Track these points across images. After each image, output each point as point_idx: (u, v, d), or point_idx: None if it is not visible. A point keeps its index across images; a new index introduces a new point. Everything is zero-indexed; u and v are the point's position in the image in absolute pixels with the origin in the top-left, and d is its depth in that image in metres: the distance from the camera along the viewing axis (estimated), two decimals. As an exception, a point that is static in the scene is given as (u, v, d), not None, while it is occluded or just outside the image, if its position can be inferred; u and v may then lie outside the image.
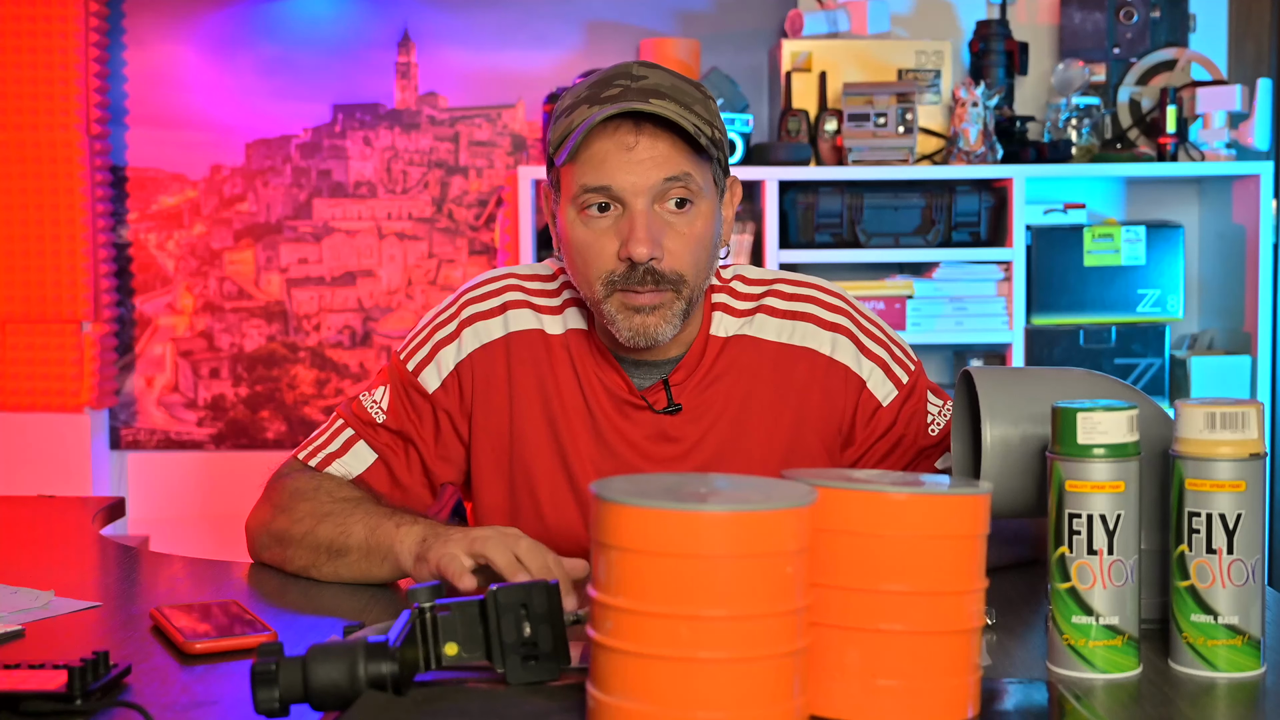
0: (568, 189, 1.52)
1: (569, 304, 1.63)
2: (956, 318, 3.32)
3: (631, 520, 0.93)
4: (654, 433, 1.59)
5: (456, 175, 3.68)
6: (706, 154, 1.51)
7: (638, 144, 1.47)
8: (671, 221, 1.50)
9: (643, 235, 1.47)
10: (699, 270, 1.52)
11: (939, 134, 3.39)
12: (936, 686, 1.02)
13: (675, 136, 1.48)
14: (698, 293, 1.53)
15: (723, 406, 1.59)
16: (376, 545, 1.45)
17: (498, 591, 1.08)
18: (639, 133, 1.48)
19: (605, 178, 1.48)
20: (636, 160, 1.47)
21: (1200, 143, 3.34)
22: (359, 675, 1.02)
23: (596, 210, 1.50)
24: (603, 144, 1.48)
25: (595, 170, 1.48)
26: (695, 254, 1.51)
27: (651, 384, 1.59)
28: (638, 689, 0.93)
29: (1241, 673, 1.14)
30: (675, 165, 1.48)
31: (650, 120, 1.48)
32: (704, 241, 1.52)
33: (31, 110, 3.49)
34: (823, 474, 1.10)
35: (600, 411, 1.59)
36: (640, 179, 1.47)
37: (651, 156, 1.48)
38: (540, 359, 1.60)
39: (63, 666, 1.08)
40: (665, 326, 1.51)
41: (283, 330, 3.70)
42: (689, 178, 1.49)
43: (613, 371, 1.59)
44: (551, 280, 1.65)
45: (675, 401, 1.59)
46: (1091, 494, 1.12)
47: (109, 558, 1.66)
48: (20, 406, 3.53)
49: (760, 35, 3.63)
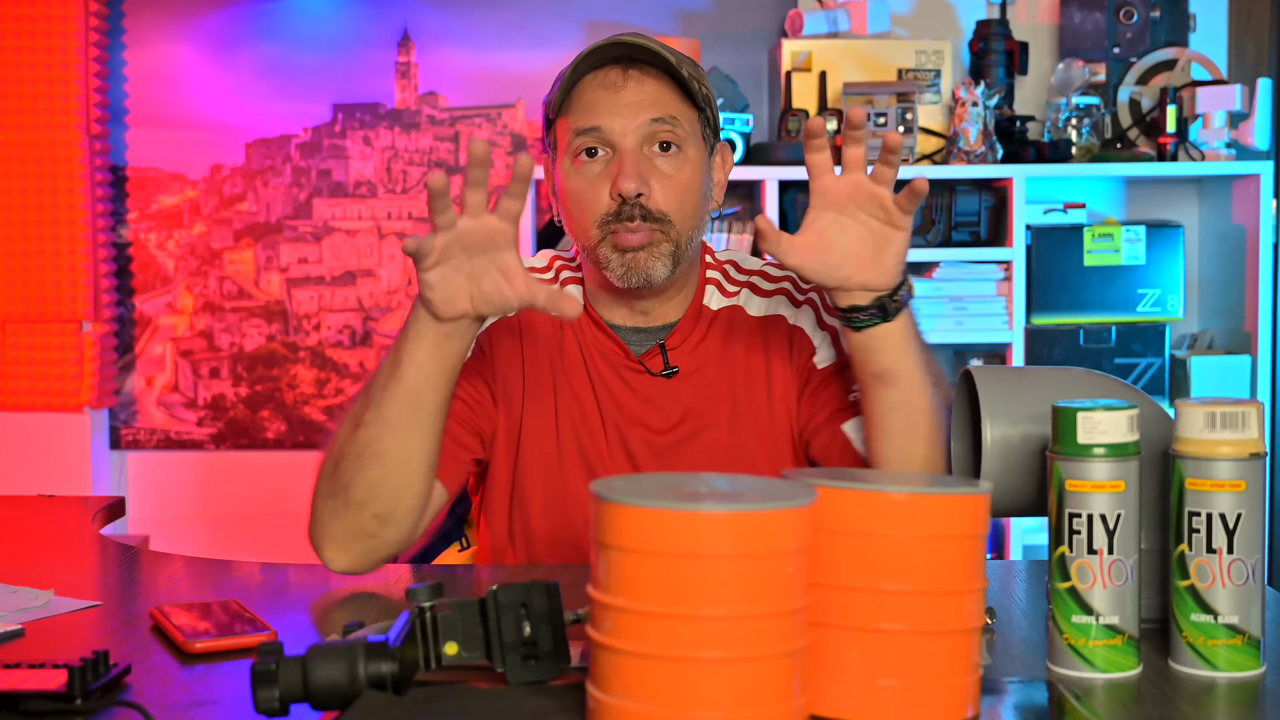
0: (563, 141, 1.58)
1: (564, 284, 1.68)
2: (956, 317, 3.32)
3: (631, 520, 0.93)
4: (651, 395, 1.63)
5: (456, 175, 3.68)
6: (695, 103, 1.58)
7: (625, 86, 1.55)
8: (659, 165, 1.56)
9: (630, 171, 1.53)
10: (685, 214, 1.57)
11: (939, 134, 3.39)
12: (936, 686, 1.02)
13: (663, 81, 1.56)
14: (685, 238, 1.57)
15: (715, 369, 1.64)
16: (390, 359, 1.40)
17: (498, 591, 1.08)
18: (626, 76, 1.56)
19: (595, 119, 1.54)
20: (625, 102, 1.54)
21: (1200, 142, 3.34)
22: (359, 675, 1.02)
23: (587, 156, 1.56)
24: (592, 89, 1.56)
25: (586, 113, 1.55)
26: (682, 196, 1.56)
27: (647, 350, 1.63)
28: (638, 689, 0.93)
29: (1241, 672, 1.14)
30: (662, 107, 1.55)
31: (638, 66, 1.55)
32: (691, 186, 1.57)
33: (31, 110, 3.49)
34: (823, 474, 1.10)
35: (598, 376, 1.63)
36: (628, 120, 1.54)
37: (639, 99, 1.55)
38: (549, 332, 1.65)
39: (63, 666, 1.08)
40: (656, 264, 1.55)
41: (283, 330, 3.70)
42: (676, 121, 1.56)
43: (608, 340, 1.64)
44: (547, 270, 1.71)
45: (671, 365, 1.63)
46: (1091, 494, 1.12)
47: (109, 557, 1.66)
48: (20, 406, 3.53)
49: (760, 35, 3.63)
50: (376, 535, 1.43)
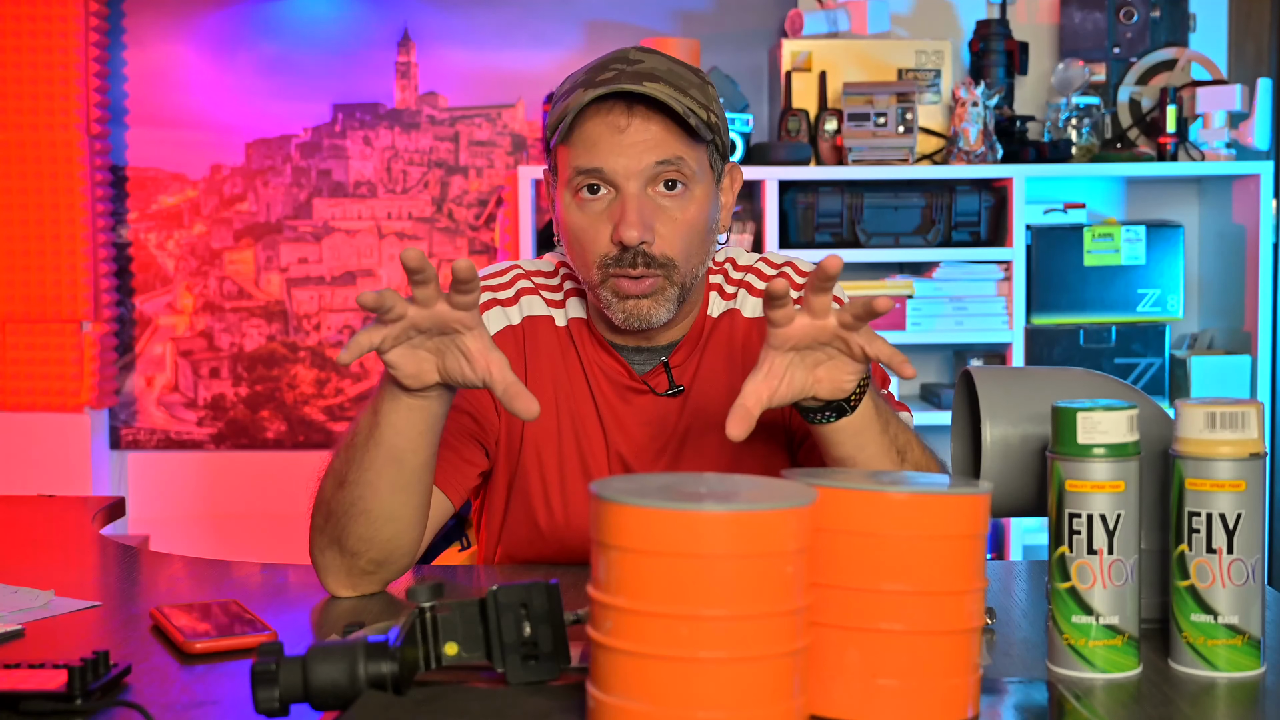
0: (563, 172, 1.53)
1: (570, 294, 1.64)
2: (956, 317, 3.32)
3: (631, 520, 0.93)
4: (655, 415, 1.60)
5: (456, 175, 3.68)
6: (701, 138, 1.51)
7: (629, 126, 1.48)
8: (664, 205, 1.50)
9: (633, 219, 1.48)
10: (690, 256, 1.53)
11: (939, 134, 3.39)
12: (936, 686, 1.02)
13: (668, 120, 1.49)
14: (691, 279, 1.54)
15: (717, 381, 1.61)
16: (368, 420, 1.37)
17: (498, 591, 1.08)
18: (631, 115, 1.48)
19: (597, 160, 1.49)
20: (628, 143, 1.48)
21: (1200, 142, 3.34)
22: (359, 675, 1.02)
23: (589, 193, 1.50)
24: (595, 126, 1.49)
25: (588, 152, 1.49)
26: (687, 239, 1.51)
27: (650, 368, 1.61)
28: (638, 689, 0.93)
29: (1241, 672, 1.14)
30: (667, 149, 1.49)
31: (643, 103, 1.48)
32: (696, 226, 1.52)
33: (31, 110, 3.49)
34: (823, 474, 1.10)
35: (602, 398, 1.60)
36: (632, 162, 1.48)
37: (643, 139, 1.48)
38: (552, 345, 1.62)
39: (63, 666, 1.08)
40: (659, 310, 1.52)
41: (283, 330, 3.70)
42: (681, 161, 1.50)
43: (611, 359, 1.61)
44: (554, 275, 1.67)
45: (677, 383, 1.60)
46: (1091, 494, 1.12)
47: (109, 557, 1.65)
48: (20, 406, 3.54)
49: (760, 35, 3.63)
50: (375, 574, 1.44)
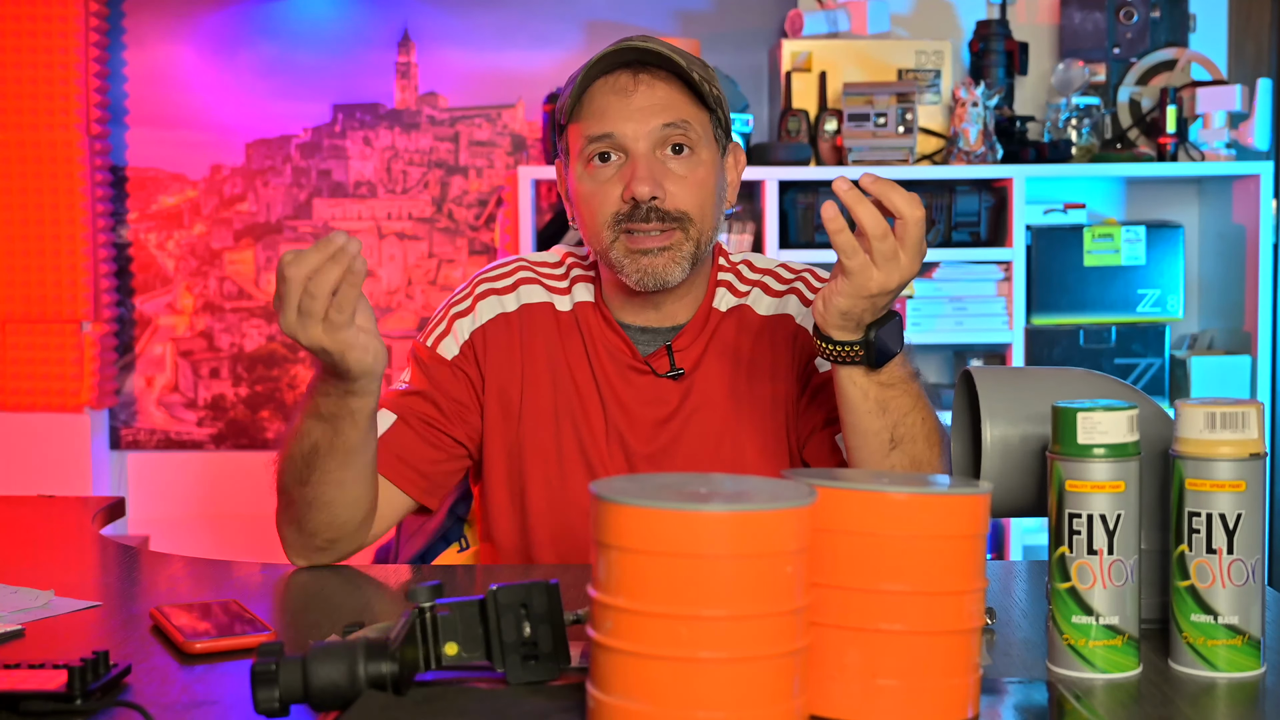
0: (575, 147, 1.58)
1: (576, 280, 1.68)
2: (956, 318, 3.32)
3: (631, 520, 0.93)
4: (654, 396, 1.63)
5: (456, 175, 3.68)
6: (706, 104, 1.57)
7: (636, 91, 1.55)
8: (672, 167, 1.56)
9: (644, 174, 1.53)
10: (704, 212, 1.57)
11: (939, 134, 3.39)
12: (936, 686, 1.02)
13: (673, 85, 1.56)
14: (705, 236, 1.58)
15: (720, 371, 1.63)
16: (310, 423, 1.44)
17: (498, 591, 1.08)
18: (637, 81, 1.55)
19: (607, 125, 1.55)
20: (636, 107, 1.54)
21: (1200, 143, 3.34)
22: (359, 675, 1.02)
23: (600, 160, 1.56)
24: (603, 95, 1.56)
25: (597, 120, 1.55)
26: (698, 195, 1.56)
27: (654, 350, 1.64)
28: (638, 689, 0.93)
29: (1241, 673, 1.14)
30: (674, 111, 1.55)
31: (648, 70, 1.55)
32: (706, 186, 1.57)
33: (31, 110, 3.49)
34: (823, 474, 1.10)
35: (604, 376, 1.63)
36: (640, 125, 1.54)
37: (650, 104, 1.55)
38: (550, 330, 1.65)
39: (63, 666, 1.08)
40: (674, 267, 1.56)
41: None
42: (688, 125, 1.56)
43: (617, 338, 1.64)
44: (558, 265, 1.71)
45: (678, 366, 1.62)
46: (1091, 494, 1.12)
47: (109, 558, 1.65)
48: (20, 406, 3.53)
49: (760, 35, 3.63)
50: (330, 550, 1.54)
